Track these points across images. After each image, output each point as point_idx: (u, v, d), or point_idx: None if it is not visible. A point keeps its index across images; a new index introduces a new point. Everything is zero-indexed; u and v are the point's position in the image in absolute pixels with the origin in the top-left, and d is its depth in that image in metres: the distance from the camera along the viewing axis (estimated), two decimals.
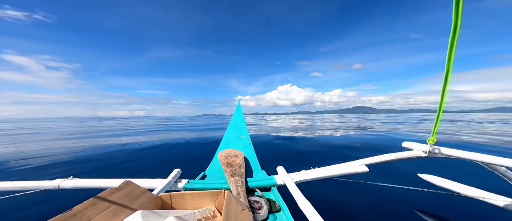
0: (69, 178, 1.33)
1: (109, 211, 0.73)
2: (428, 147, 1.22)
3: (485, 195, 1.43)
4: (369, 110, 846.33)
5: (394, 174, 2.46)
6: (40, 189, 1.28)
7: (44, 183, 1.29)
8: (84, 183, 1.31)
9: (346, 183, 1.49)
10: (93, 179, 1.33)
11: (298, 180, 1.31)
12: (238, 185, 1.23)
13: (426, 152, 1.24)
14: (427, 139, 1.21)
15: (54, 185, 1.27)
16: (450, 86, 1.03)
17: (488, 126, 9.62)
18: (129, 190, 0.88)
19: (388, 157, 1.41)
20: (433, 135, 1.17)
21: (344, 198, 1.89)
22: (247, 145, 2.33)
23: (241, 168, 1.50)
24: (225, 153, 1.83)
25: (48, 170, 2.85)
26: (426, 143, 1.23)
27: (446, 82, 1.01)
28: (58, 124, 19.73)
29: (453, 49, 0.96)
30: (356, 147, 4.62)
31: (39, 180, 1.32)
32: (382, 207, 1.76)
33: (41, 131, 9.32)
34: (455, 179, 1.61)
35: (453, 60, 0.97)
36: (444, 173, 1.78)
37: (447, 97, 1.05)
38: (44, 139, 5.87)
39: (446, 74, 1.00)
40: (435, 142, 1.19)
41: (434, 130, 1.16)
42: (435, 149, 1.22)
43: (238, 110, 3.63)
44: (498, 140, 5.07)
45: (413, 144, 1.36)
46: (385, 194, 1.92)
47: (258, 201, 1.13)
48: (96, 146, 4.68)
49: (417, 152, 1.31)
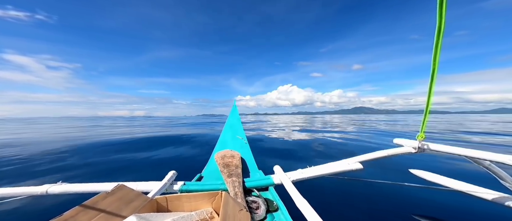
0: (58, 183, 1.28)
1: (101, 217, 0.71)
2: (417, 143, 1.27)
3: (472, 189, 1.49)
4: (369, 110, 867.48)
5: (387, 170, 2.52)
6: (26, 195, 1.22)
7: (31, 189, 1.23)
8: (74, 188, 1.26)
9: (341, 181, 1.51)
10: (83, 184, 1.28)
11: (295, 179, 1.32)
12: (235, 186, 1.23)
13: (416, 148, 1.29)
14: (416, 135, 1.26)
15: (42, 191, 1.21)
16: (435, 86, 1.08)
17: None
18: (122, 194, 0.85)
19: (380, 153, 1.45)
20: (422, 132, 1.22)
21: (340, 195, 1.92)
22: (243, 145, 2.32)
23: (238, 168, 1.49)
24: (222, 153, 1.82)
25: (35, 174, 2.72)
26: (416, 139, 1.28)
27: (432, 82, 1.06)
28: (53, 123, 18.76)
29: (437, 50, 1.00)
30: (350, 145, 4.71)
31: (25, 185, 1.26)
32: (376, 202, 1.81)
33: (32, 131, 8.79)
34: (444, 173, 1.67)
35: (438, 61, 1.02)
36: (434, 168, 1.85)
37: (433, 97, 1.11)
38: (31, 141, 5.60)
39: (432, 74, 1.05)
40: (424, 138, 1.24)
41: (422, 127, 1.21)
42: (424, 145, 1.27)
43: (233, 110, 3.61)
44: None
45: (404, 141, 1.41)
46: (379, 190, 1.97)
47: (255, 201, 1.12)
48: (88, 147, 4.52)
49: (407, 148, 1.35)
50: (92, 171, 2.87)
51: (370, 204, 1.78)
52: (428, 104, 1.12)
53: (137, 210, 0.81)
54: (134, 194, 0.89)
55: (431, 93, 1.10)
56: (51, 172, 2.80)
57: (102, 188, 1.23)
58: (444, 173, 1.67)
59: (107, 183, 1.26)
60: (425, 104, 1.14)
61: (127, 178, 1.42)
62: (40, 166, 3.07)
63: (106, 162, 3.33)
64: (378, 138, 5.83)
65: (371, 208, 1.72)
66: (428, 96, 1.11)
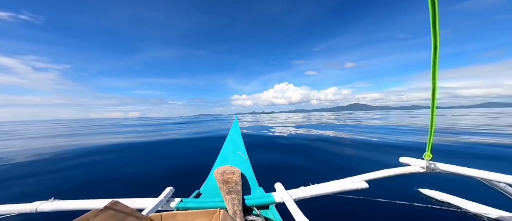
0: (49, 200, 1.23)
1: None
2: (425, 162, 1.23)
3: (486, 210, 1.40)
4: (364, 107, 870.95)
5: (394, 190, 2.40)
6: (15, 213, 1.16)
7: (20, 206, 1.17)
8: (66, 205, 1.20)
9: (346, 200, 1.44)
10: (76, 201, 1.23)
11: (297, 197, 1.26)
12: (235, 204, 1.17)
13: (424, 168, 1.24)
14: (423, 154, 1.22)
15: (32, 208, 1.16)
16: (437, 102, 1.06)
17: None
18: (115, 211, 0.81)
19: (387, 172, 1.40)
20: (429, 151, 1.18)
21: (344, 215, 1.81)
22: (244, 161, 2.27)
23: (238, 185, 1.43)
24: (221, 170, 1.77)
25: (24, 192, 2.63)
26: (423, 159, 1.24)
27: (434, 99, 1.04)
28: (40, 128, 18.23)
29: (436, 68, 0.99)
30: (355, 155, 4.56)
31: (13, 203, 1.20)
32: None
33: (17, 137, 8.39)
34: (455, 192, 1.59)
35: (437, 79, 1.01)
36: (444, 187, 1.76)
37: (436, 116, 1.08)
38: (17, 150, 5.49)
39: (433, 92, 1.03)
40: (431, 158, 1.20)
41: (428, 146, 1.17)
42: (432, 164, 1.23)
43: (235, 125, 3.60)
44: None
45: (411, 160, 1.36)
46: (386, 210, 1.85)
47: (255, 220, 1.06)
48: (80, 161, 4.42)
49: (415, 168, 1.31)
50: (84, 187, 2.78)
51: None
52: (433, 122, 1.09)
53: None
54: (128, 211, 0.84)
55: (434, 111, 1.07)
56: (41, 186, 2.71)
57: (96, 205, 1.17)
58: (455, 192, 1.58)
59: (101, 200, 1.21)
60: (429, 123, 1.11)
61: (121, 194, 1.36)
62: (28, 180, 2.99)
63: (99, 175, 3.23)
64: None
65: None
66: (432, 113, 1.08)
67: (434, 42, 0.96)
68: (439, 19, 0.92)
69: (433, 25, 0.93)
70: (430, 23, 0.93)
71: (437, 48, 0.96)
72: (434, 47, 0.96)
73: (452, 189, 1.83)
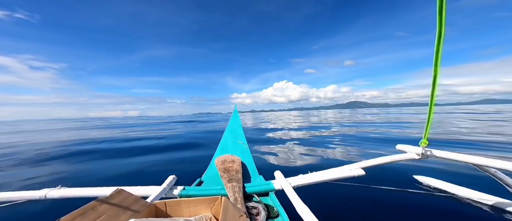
0: (57, 188, 1.27)
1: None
2: (421, 149, 1.26)
3: (478, 196, 1.46)
4: (363, 104, 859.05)
5: (390, 177, 2.47)
6: (25, 199, 1.21)
7: (30, 193, 1.22)
8: (73, 192, 1.25)
9: (343, 187, 1.49)
10: (82, 188, 1.27)
11: (296, 185, 1.30)
12: (235, 191, 1.21)
13: (419, 155, 1.28)
14: (419, 141, 1.24)
15: (41, 195, 1.20)
16: (437, 94, 1.06)
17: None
18: (121, 199, 0.84)
19: (383, 160, 1.43)
20: (425, 138, 1.21)
21: (341, 202, 1.88)
22: (244, 150, 2.30)
23: (238, 173, 1.47)
24: (222, 158, 1.80)
25: (34, 179, 2.71)
26: (419, 146, 1.26)
27: (434, 88, 1.04)
28: (42, 126, 18.57)
29: (438, 56, 0.98)
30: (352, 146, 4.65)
31: (23, 190, 1.25)
32: (380, 209, 1.76)
33: (24, 133, 8.79)
34: (449, 179, 1.64)
35: (439, 67, 1.00)
36: (438, 174, 1.81)
37: (435, 106, 1.09)
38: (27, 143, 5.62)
39: (434, 81, 1.03)
40: (427, 145, 1.23)
41: (425, 133, 1.19)
42: (428, 151, 1.26)
43: (234, 115, 3.61)
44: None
45: (407, 147, 1.39)
46: (382, 196, 1.92)
47: (255, 206, 1.10)
48: (85, 152, 4.51)
49: (410, 155, 1.34)
50: (90, 175, 2.86)
51: (373, 211, 1.74)
52: (431, 110, 1.10)
53: (135, 215, 0.79)
54: (132, 199, 0.87)
55: (433, 99, 1.08)
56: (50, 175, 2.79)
57: (101, 192, 1.22)
58: (448, 179, 1.64)
59: (107, 188, 1.25)
60: (428, 111, 1.12)
61: (126, 182, 1.40)
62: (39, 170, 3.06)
63: (104, 165, 3.31)
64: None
65: (374, 214, 1.68)
66: (430, 103, 1.09)
67: (439, 29, 0.93)
68: (446, 5, 0.89)
69: (439, 13, 0.90)
70: (437, 9, 0.90)
71: (442, 36, 0.94)
72: (438, 34, 0.94)
73: (446, 176, 1.88)
